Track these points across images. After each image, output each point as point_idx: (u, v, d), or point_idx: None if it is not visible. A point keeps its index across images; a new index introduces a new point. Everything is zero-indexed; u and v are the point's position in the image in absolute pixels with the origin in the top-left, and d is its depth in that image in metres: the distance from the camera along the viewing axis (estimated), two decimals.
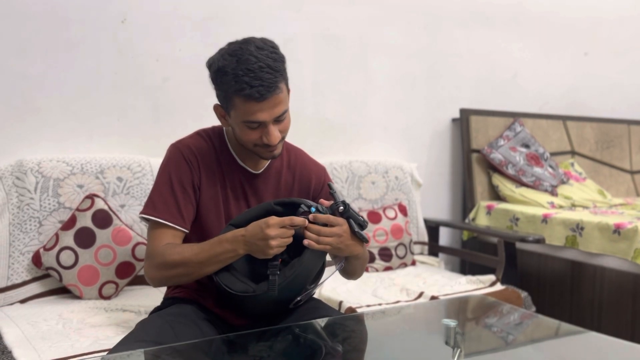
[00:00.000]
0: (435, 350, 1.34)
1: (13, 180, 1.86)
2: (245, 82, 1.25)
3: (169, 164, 1.41)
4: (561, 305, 2.54)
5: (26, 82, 2.03)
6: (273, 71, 1.27)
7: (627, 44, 3.67)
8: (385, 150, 2.83)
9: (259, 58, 1.27)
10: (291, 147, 1.56)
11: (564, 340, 1.49)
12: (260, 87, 1.26)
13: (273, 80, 1.27)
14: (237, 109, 1.31)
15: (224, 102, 1.35)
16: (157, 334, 1.26)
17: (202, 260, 1.29)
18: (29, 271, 1.85)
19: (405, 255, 2.46)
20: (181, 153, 1.40)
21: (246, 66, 1.26)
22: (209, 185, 1.42)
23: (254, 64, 1.26)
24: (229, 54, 1.29)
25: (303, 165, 1.54)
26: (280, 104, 1.31)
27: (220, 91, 1.34)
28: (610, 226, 2.32)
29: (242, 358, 1.22)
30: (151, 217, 1.36)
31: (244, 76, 1.25)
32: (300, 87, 2.58)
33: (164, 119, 2.28)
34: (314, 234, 1.27)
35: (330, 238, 1.28)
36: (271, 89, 1.27)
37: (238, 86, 1.26)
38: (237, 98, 1.29)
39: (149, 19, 2.23)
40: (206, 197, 1.42)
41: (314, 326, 1.36)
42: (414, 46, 2.90)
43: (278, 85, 1.29)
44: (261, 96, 1.27)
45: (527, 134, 3.07)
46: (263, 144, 1.35)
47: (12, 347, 1.43)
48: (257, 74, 1.26)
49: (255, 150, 1.38)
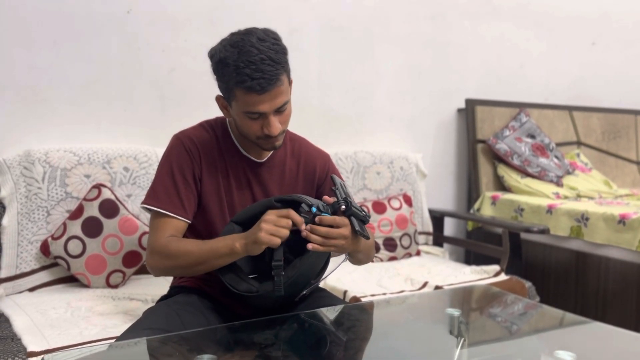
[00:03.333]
0: (439, 339, 1.35)
1: (21, 170, 1.88)
2: (246, 74, 1.25)
3: (170, 154, 1.41)
4: (566, 296, 2.54)
5: (33, 73, 2.04)
6: (274, 63, 1.27)
7: (634, 34, 3.63)
8: (391, 140, 2.83)
9: (261, 50, 1.26)
10: (295, 136, 1.56)
11: (569, 331, 1.50)
12: (261, 79, 1.26)
13: (274, 73, 1.27)
14: (238, 101, 1.31)
15: (225, 93, 1.35)
16: (164, 322, 1.27)
17: (202, 256, 1.30)
18: (37, 260, 1.87)
19: (409, 246, 2.47)
20: (182, 144, 1.41)
21: (247, 58, 1.25)
22: (210, 176, 1.42)
23: (255, 55, 1.25)
24: (230, 45, 1.29)
25: (307, 153, 1.54)
26: (281, 96, 1.31)
27: (221, 82, 1.33)
28: (615, 217, 2.32)
29: (248, 346, 1.23)
30: (153, 207, 1.37)
31: (245, 68, 1.25)
32: (306, 78, 2.57)
33: (170, 109, 2.29)
34: (320, 237, 1.24)
35: (336, 240, 1.26)
36: (272, 82, 1.27)
37: (239, 78, 1.26)
38: (238, 90, 1.29)
39: (155, 10, 2.23)
40: (208, 188, 1.42)
41: (318, 315, 1.37)
42: (420, 36, 2.89)
43: (279, 78, 1.29)
44: (262, 89, 1.26)
45: (533, 125, 3.06)
46: (264, 135, 1.35)
47: (22, 334, 1.45)
48: (259, 66, 1.25)
49: (257, 142, 1.38)
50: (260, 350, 1.21)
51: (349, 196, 1.30)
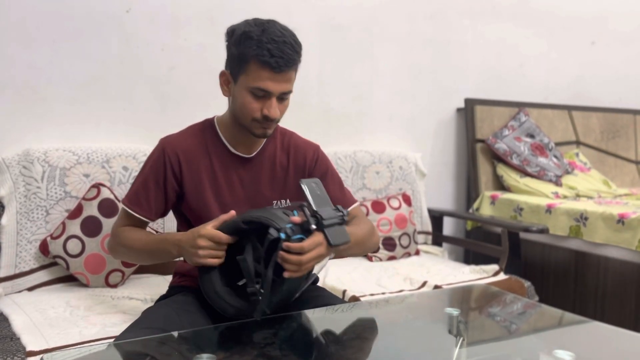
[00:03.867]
0: (438, 338, 1.35)
1: (20, 170, 1.88)
2: (268, 49, 1.30)
3: (150, 158, 1.48)
4: (565, 295, 2.55)
5: (32, 71, 2.04)
6: (294, 50, 1.34)
7: (634, 33, 3.64)
8: (390, 140, 2.83)
9: (284, 34, 1.33)
10: (285, 130, 1.58)
11: (567, 330, 1.50)
12: (280, 58, 1.30)
13: (292, 57, 1.33)
14: (249, 74, 1.33)
15: (236, 66, 1.36)
16: (162, 321, 1.27)
17: (145, 252, 1.43)
18: (36, 259, 1.87)
19: (409, 245, 2.47)
20: (163, 149, 1.46)
21: (271, 36, 1.31)
22: (193, 178, 1.45)
23: (279, 37, 1.31)
24: (255, 24, 1.34)
25: (296, 145, 1.55)
26: (289, 82, 1.37)
27: (237, 53, 1.34)
28: (614, 216, 2.32)
29: (247, 345, 1.23)
30: (123, 205, 1.48)
31: (267, 43, 1.30)
32: (306, 77, 2.57)
33: (170, 108, 2.29)
34: (293, 265, 1.20)
35: (310, 263, 1.22)
36: (289, 64, 1.33)
37: (259, 51, 1.30)
38: (254, 62, 1.32)
39: (154, 8, 2.23)
40: (192, 190, 1.45)
41: (317, 314, 1.37)
42: (420, 36, 2.89)
43: (295, 64, 1.35)
44: (278, 67, 1.31)
45: (532, 124, 3.06)
46: (261, 118, 1.37)
47: (21, 333, 1.45)
48: (280, 46, 1.31)
49: (251, 125, 1.39)
50: (259, 349, 1.21)
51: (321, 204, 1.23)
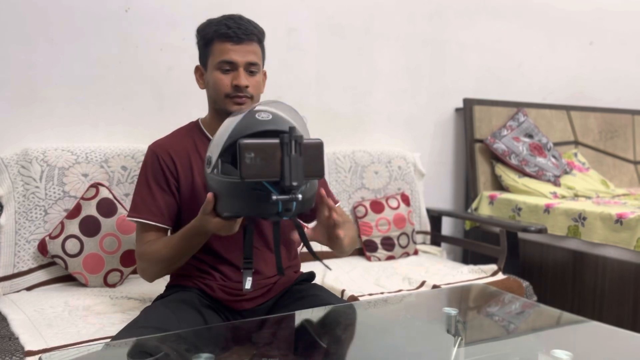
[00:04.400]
0: (437, 338, 1.35)
1: (18, 169, 1.87)
2: (225, 24, 1.43)
3: (145, 165, 1.50)
4: (563, 295, 2.55)
5: (31, 71, 2.03)
6: (252, 26, 1.46)
7: (632, 34, 3.64)
8: (389, 139, 2.83)
9: (242, 18, 1.47)
10: None
11: (565, 330, 1.50)
12: (238, 29, 1.42)
13: (250, 30, 1.45)
14: (214, 53, 1.45)
15: (204, 52, 1.49)
16: (160, 320, 1.28)
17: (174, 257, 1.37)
18: (34, 259, 1.87)
19: (407, 245, 2.47)
20: (155, 153, 1.49)
21: (229, 16, 1.46)
22: (185, 173, 1.47)
23: (236, 17, 1.46)
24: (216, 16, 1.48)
25: None
26: (254, 54, 1.45)
27: (203, 42, 1.48)
28: (612, 216, 2.32)
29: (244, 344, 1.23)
30: (133, 218, 1.46)
31: (225, 21, 1.44)
32: (304, 77, 2.57)
33: (169, 108, 2.29)
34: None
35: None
36: (247, 34, 1.43)
37: (217, 28, 1.43)
38: (216, 40, 1.44)
39: (152, 8, 2.23)
40: (185, 182, 1.47)
41: (316, 314, 1.37)
42: (418, 35, 2.89)
43: (254, 37, 1.45)
44: (237, 37, 1.42)
45: (531, 124, 3.06)
46: (233, 89, 1.43)
47: (19, 333, 1.45)
48: (237, 21, 1.44)
49: (225, 101, 1.45)
50: (257, 348, 1.21)
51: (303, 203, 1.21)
